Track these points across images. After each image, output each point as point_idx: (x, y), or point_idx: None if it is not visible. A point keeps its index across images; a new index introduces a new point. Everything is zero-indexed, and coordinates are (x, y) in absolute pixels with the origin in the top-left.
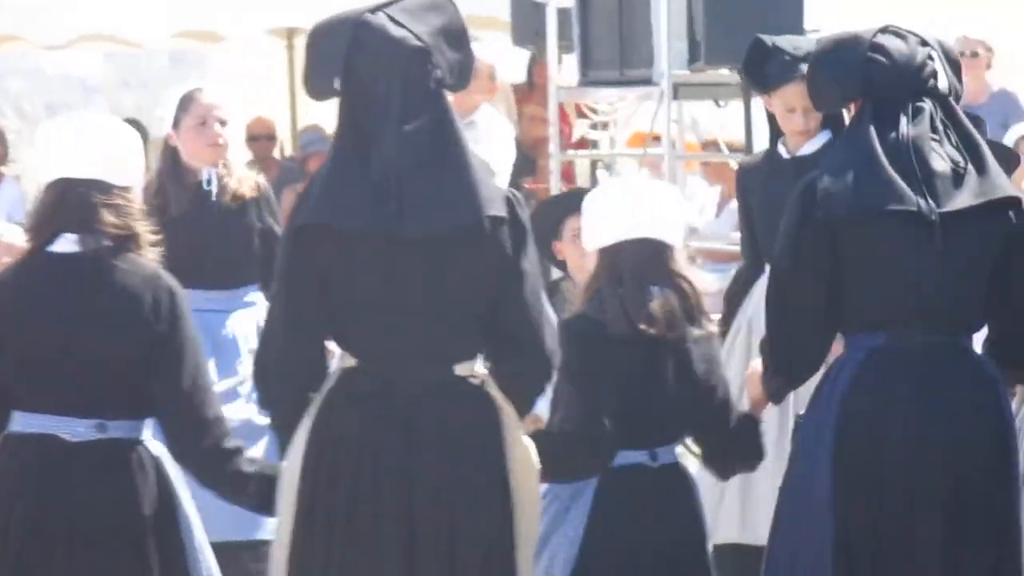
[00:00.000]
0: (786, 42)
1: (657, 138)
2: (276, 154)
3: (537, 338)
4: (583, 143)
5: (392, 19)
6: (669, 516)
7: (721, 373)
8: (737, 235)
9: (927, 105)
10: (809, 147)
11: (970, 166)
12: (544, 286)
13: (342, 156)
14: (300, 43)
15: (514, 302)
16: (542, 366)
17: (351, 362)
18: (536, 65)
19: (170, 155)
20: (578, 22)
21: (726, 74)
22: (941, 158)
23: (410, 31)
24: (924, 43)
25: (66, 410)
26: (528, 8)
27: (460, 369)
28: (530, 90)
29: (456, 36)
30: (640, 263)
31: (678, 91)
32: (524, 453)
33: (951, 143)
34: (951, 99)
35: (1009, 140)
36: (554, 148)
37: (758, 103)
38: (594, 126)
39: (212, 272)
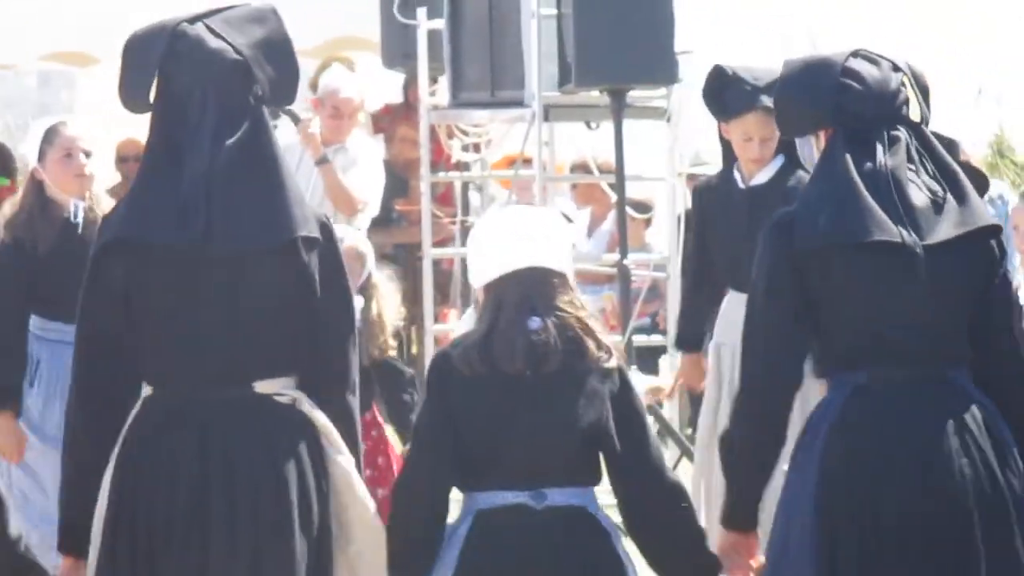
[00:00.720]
0: (746, 72)
1: (528, 160)
2: None
3: (344, 366)
4: (455, 164)
5: (211, 30)
6: (551, 560)
7: (618, 408)
8: (610, 257)
9: (902, 133)
10: (763, 175)
11: (949, 195)
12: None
13: (152, 170)
14: None
15: (323, 327)
16: (346, 403)
17: (148, 389)
18: (412, 86)
19: (36, 188)
20: (449, 43)
21: (596, 96)
22: (919, 188)
23: (229, 43)
24: (896, 68)
25: None
26: (398, 29)
27: (262, 387)
28: (406, 111)
29: (278, 49)
30: (523, 295)
31: (549, 113)
32: (348, 479)
33: (928, 172)
34: (923, 126)
35: None
36: (425, 170)
37: (629, 125)
38: (465, 148)
39: (71, 304)
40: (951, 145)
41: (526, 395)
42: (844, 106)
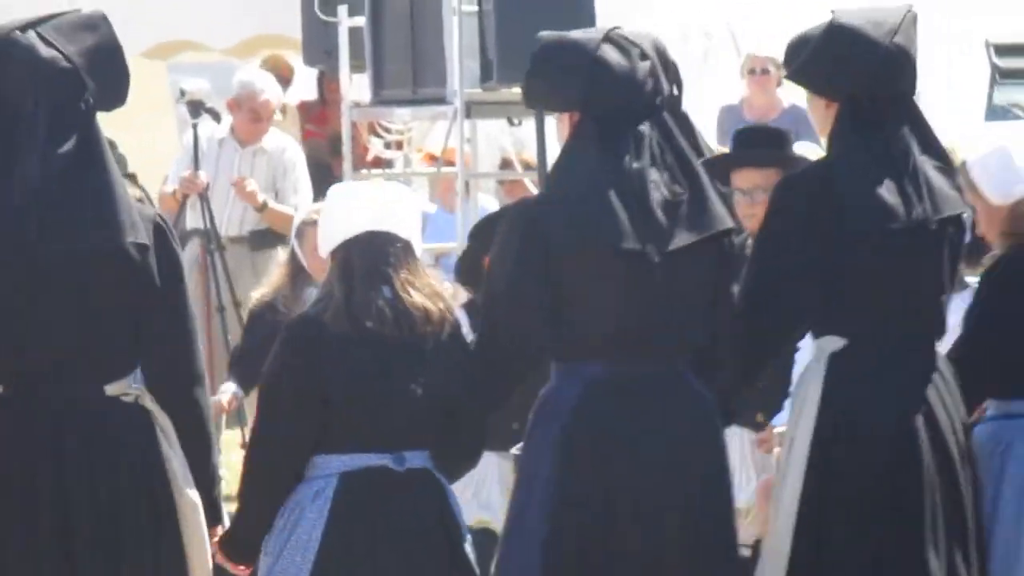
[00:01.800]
0: None
1: (450, 159)
2: None
3: (187, 361)
4: (377, 162)
5: (42, 38)
6: (414, 521)
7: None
8: None
9: (646, 128)
10: None
11: (688, 196)
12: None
13: None
14: None
15: (162, 325)
16: (192, 394)
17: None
18: (327, 82)
19: None
20: (370, 41)
21: (519, 92)
22: (659, 188)
23: (60, 51)
24: (644, 56)
25: None
26: (319, 27)
27: (111, 388)
28: (322, 107)
29: (109, 56)
30: (371, 260)
31: (471, 110)
32: (176, 477)
33: (668, 171)
34: (665, 115)
35: None
36: (347, 167)
37: (552, 121)
38: (387, 145)
39: None
40: (780, 135)
41: (389, 360)
42: (591, 95)
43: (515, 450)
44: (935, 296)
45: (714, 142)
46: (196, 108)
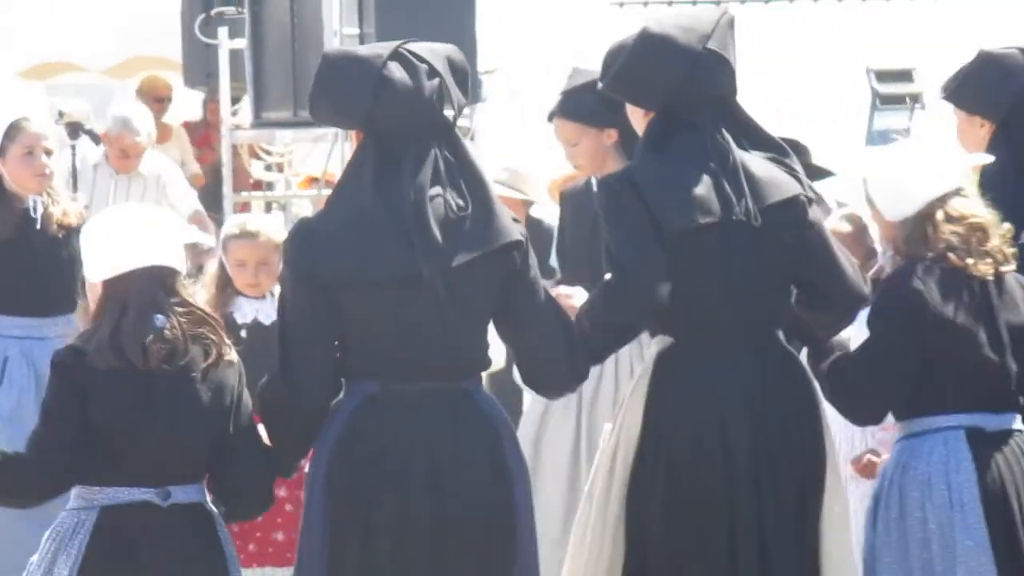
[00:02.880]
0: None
1: (332, 179)
2: None
3: None
4: (258, 184)
5: None
6: (176, 557)
7: (237, 406)
8: None
9: (433, 146)
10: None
11: (473, 210)
12: None
13: None
14: None
15: None
16: None
17: None
18: (209, 104)
19: None
20: (251, 63)
21: None
22: (441, 206)
23: None
24: (433, 73)
25: None
26: (200, 49)
27: None
28: (206, 129)
29: None
30: (145, 291)
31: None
32: None
33: (454, 187)
34: (455, 132)
35: None
36: (227, 189)
37: None
38: (268, 167)
39: (32, 298)
40: (797, 148)
41: (156, 392)
42: (375, 115)
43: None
44: (768, 290)
45: None
46: (75, 129)
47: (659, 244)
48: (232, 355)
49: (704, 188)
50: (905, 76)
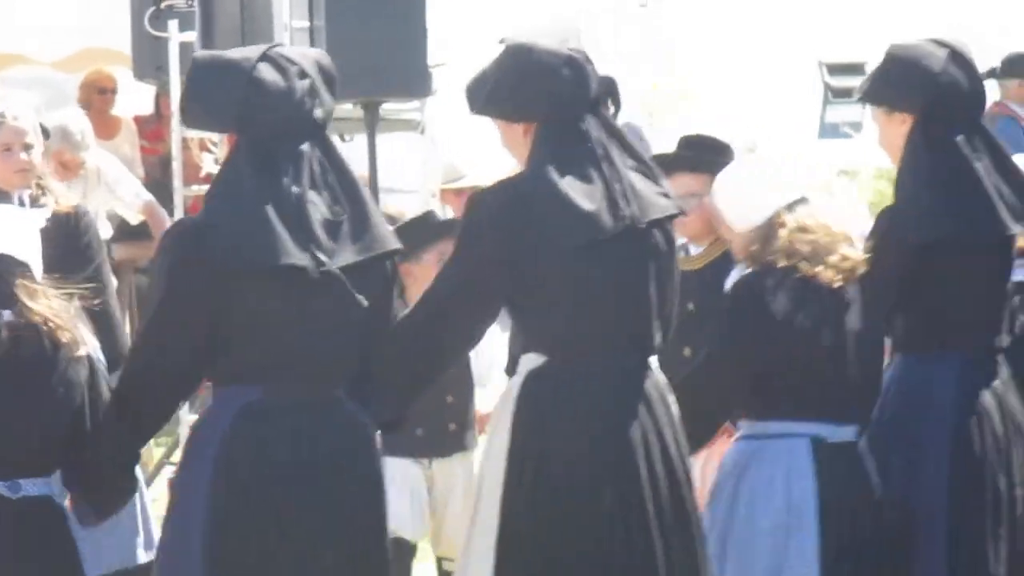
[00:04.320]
0: None
1: None
2: None
3: None
4: (209, 178)
5: None
6: (24, 551)
7: (90, 394)
8: None
9: (306, 147)
10: None
11: (349, 215)
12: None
13: None
14: None
15: None
16: None
17: None
18: (161, 97)
19: None
20: None
21: (350, 108)
22: (321, 208)
23: None
24: (304, 74)
25: None
26: (150, 42)
27: None
28: (158, 122)
29: None
30: None
31: None
32: None
33: (328, 188)
34: (326, 132)
35: None
36: (178, 183)
37: (382, 138)
38: (218, 161)
39: None
40: (723, 149)
41: (2, 386)
42: (247, 117)
43: (170, 476)
44: (641, 307)
45: None
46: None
47: (505, 276)
48: (83, 351)
49: (596, 203)
50: (857, 69)
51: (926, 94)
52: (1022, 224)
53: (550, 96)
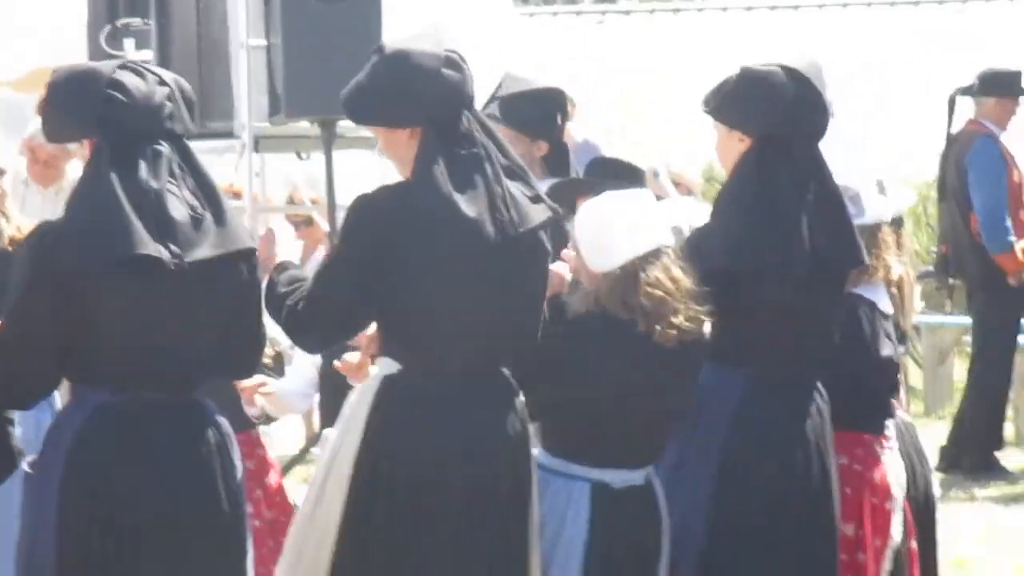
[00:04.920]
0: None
1: (238, 192)
2: None
3: None
4: None
5: None
6: None
7: None
8: None
9: (165, 149)
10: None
11: (208, 214)
12: None
13: None
14: None
15: None
16: None
17: None
18: None
19: None
20: None
21: (307, 127)
22: (180, 205)
23: None
24: (162, 82)
25: None
26: (105, 60)
27: None
28: None
29: None
30: None
31: (259, 144)
32: None
33: (188, 189)
34: (185, 140)
35: None
36: None
37: (340, 156)
38: None
39: None
40: (634, 172)
41: None
42: (108, 118)
43: (26, 466)
44: (512, 316)
45: None
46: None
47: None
48: None
49: (479, 209)
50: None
51: (768, 122)
52: (824, 262)
53: (433, 98)
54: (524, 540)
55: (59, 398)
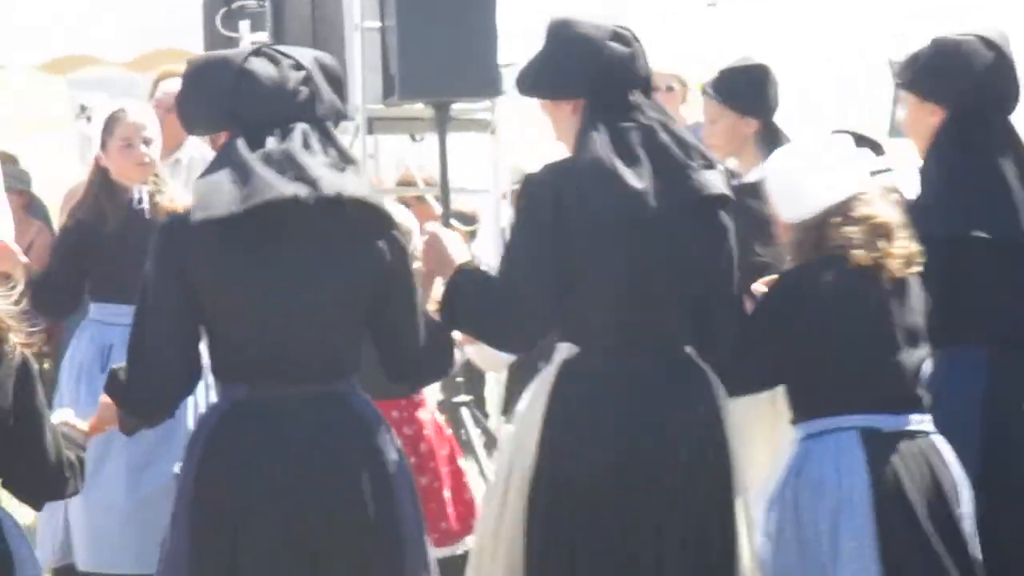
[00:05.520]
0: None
1: None
2: None
3: None
4: None
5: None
6: None
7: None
8: None
9: (299, 126)
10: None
11: (349, 171)
12: None
13: None
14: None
15: None
16: None
17: None
18: None
19: (100, 175)
20: None
21: (421, 108)
22: (316, 160)
23: None
24: (298, 66)
25: None
26: (221, 42)
27: None
28: None
29: None
30: None
31: (373, 125)
32: None
33: (328, 158)
34: (328, 122)
35: None
36: None
37: (453, 137)
38: None
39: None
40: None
41: None
42: (238, 110)
43: (176, 468)
44: (688, 288)
45: None
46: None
47: (557, 251)
48: (19, 358)
49: (644, 181)
50: None
51: (962, 91)
52: None
53: (595, 70)
54: (730, 515)
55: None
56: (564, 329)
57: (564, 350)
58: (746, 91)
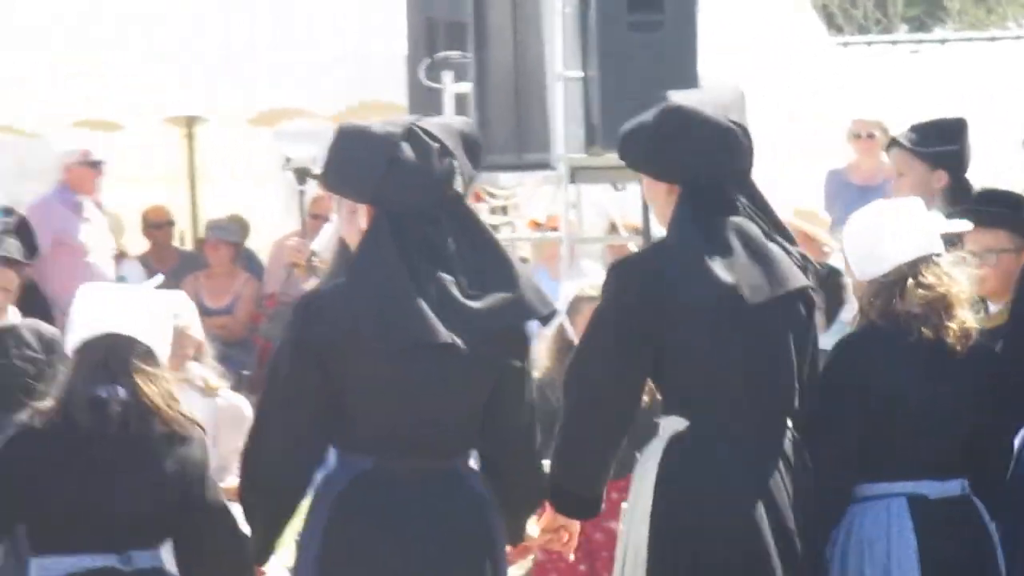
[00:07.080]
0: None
1: (554, 225)
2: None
3: None
4: None
5: None
6: None
7: (199, 478)
8: None
9: (446, 223)
10: None
11: (489, 288)
12: None
13: None
14: (200, 132)
15: None
16: None
17: None
18: None
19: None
20: (476, 107)
21: None
22: (455, 285)
23: None
24: (444, 152)
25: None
26: (425, 93)
27: None
28: None
29: None
30: (99, 359)
31: (575, 175)
32: None
33: (464, 273)
34: (465, 203)
35: None
36: None
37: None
38: (493, 210)
39: None
40: (1019, 203)
41: (111, 458)
42: (384, 192)
43: (295, 536)
44: (783, 376)
45: (821, 206)
46: (302, 175)
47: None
48: (194, 432)
49: (735, 274)
50: None
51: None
52: None
53: (697, 162)
54: None
55: None
56: (669, 402)
57: (671, 423)
58: (938, 143)
